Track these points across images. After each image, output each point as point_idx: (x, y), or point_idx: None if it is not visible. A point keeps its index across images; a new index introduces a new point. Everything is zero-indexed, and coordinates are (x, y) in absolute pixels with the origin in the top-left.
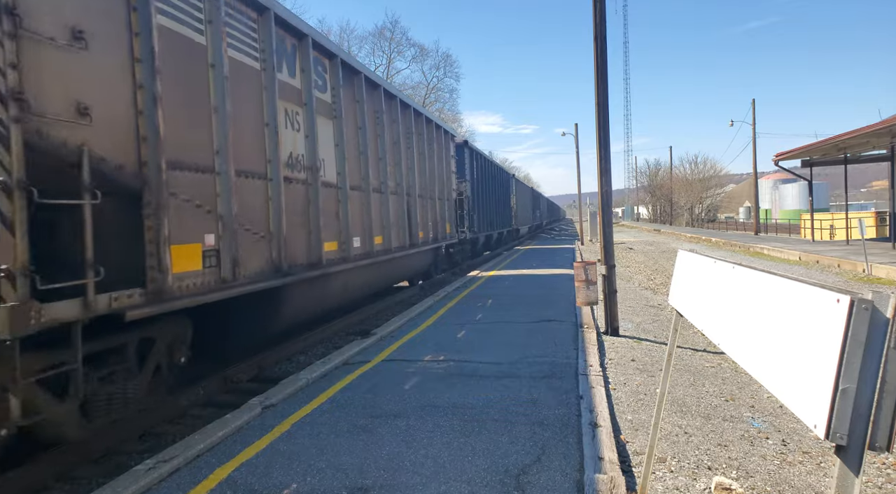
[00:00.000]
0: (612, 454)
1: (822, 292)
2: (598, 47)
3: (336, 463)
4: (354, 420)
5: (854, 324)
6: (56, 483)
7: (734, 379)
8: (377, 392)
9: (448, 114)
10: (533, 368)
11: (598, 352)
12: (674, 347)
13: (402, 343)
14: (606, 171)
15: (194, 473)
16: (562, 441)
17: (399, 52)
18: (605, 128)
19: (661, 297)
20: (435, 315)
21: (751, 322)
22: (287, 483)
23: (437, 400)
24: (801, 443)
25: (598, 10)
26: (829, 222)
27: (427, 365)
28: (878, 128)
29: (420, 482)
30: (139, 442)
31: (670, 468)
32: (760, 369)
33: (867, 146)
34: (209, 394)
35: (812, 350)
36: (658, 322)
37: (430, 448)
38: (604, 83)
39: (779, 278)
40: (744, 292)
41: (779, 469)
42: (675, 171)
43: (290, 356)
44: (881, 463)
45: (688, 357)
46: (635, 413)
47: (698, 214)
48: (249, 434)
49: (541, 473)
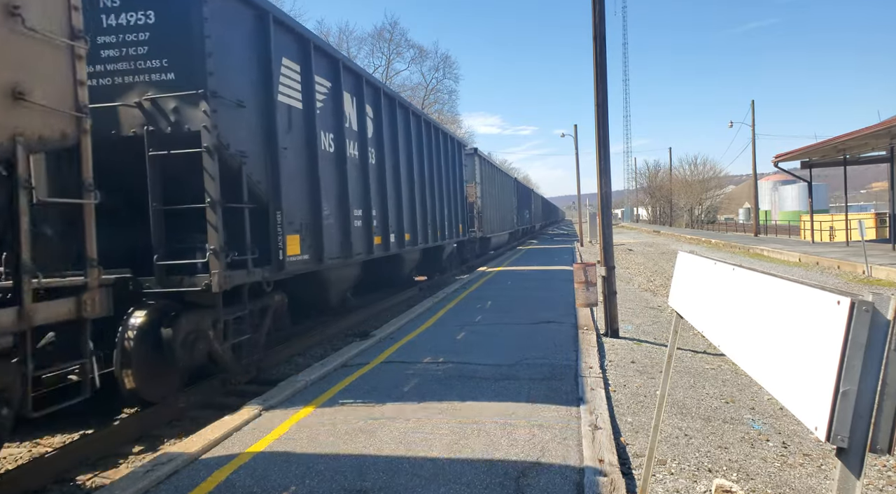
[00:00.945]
0: (612, 456)
1: (823, 294)
2: (597, 47)
3: (335, 466)
4: (353, 421)
5: (854, 326)
6: (55, 485)
7: (734, 381)
8: (376, 394)
9: (447, 116)
10: (532, 370)
11: (598, 354)
12: (674, 349)
13: (401, 344)
14: (606, 172)
15: (193, 475)
16: (561, 443)
17: (398, 54)
18: (605, 129)
19: (660, 299)
20: (434, 316)
21: (751, 323)
22: (286, 485)
23: (436, 402)
24: (801, 445)
25: (597, 10)
26: (829, 223)
27: (426, 367)
28: (877, 129)
29: (419, 484)
30: (137, 444)
31: (670, 470)
32: (761, 371)
33: (866, 147)
34: (208, 396)
35: (812, 352)
36: (658, 323)
37: (429, 450)
38: (603, 84)
39: (779, 280)
40: (744, 294)
41: (779, 472)
42: (675, 173)
43: (288, 358)
44: (882, 466)
45: (688, 359)
46: (635, 416)
47: (698, 216)
48: (248, 436)
49: (540, 475)
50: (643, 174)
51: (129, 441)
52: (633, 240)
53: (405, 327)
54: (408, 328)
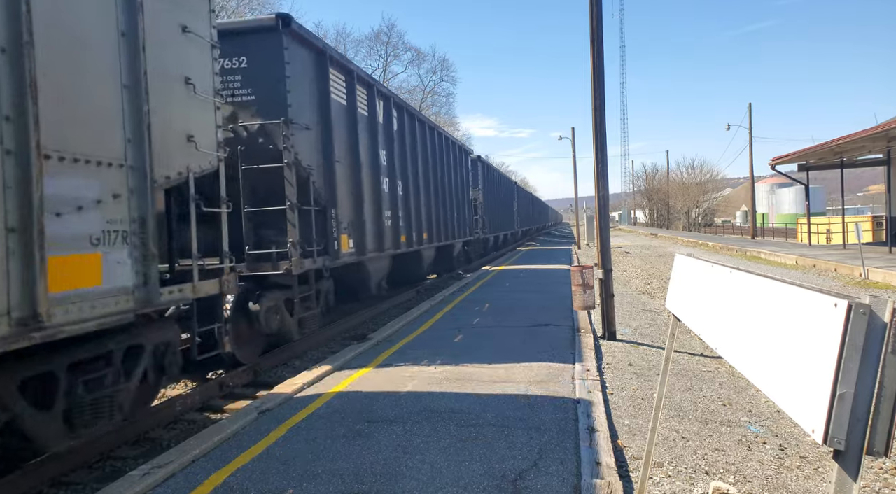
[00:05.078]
0: (609, 459)
1: (820, 296)
2: (594, 51)
3: (332, 469)
4: (351, 424)
5: (852, 329)
6: (51, 489)
7: (731, 384)
8: (373, 396)
9: (444, 119)
10: (530, 373)
11: (596, 357)
12: (671, 351)
13: (398, 347)
14: (603, 175)
15: (189, 479)
16: (559, 445)
17: (395, 56)
18: (602, 132)
19: (658, 301)
20: (432, 319)
21: (748, 326)
22: (283, 488)
23: (433, 405)
24: (798, 448)
25: (594, 13)
26: (826, 226)
27: (424, 370)
28: (874, 132)
29: (417, 487)
30: (134, 448)
31: (668, 472)
32: (758, 373)
33: (863, 150)
34: (205, 399)
35: (809, 354)
36: (655, 326)
37: (426, 453)
38: (601, 87)
39: (776, 282)
40: (741, 296)
41: (776, 474)
42: (672, 175)
43: (286, 360)
44: (879, 468)
45: (685, 361)
46: (633, 418)
47: (695, 218)
48: (245, 439)
49: (538, 478)
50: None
51: (126, 445)
52: (630, 243)
53: (402, 330)
54: (405, 330)
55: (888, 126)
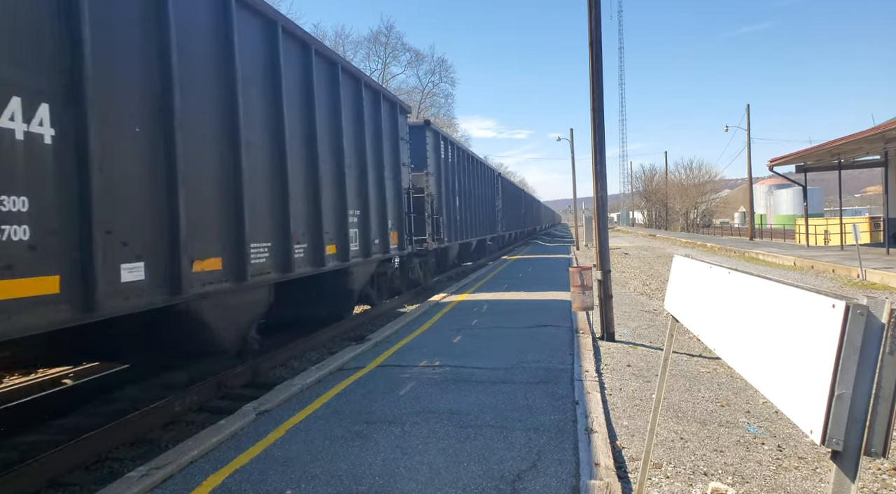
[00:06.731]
0: (608, 460)
1: (818, 297)
2: (593, 52)
3: (331, 470)
4: (349, 425)
5: (850, 330)
6: (48, 490)
7: (730, 385)
8: (372, 397)
9: (443, 120)
10: (528, 374)
11: (594, 358)
12: (670, 352)
13: (397, 348)
14: (601, 176)
15: (188, 480)
16: (558, 446)
17: (394, 57)
18: (601, 133)
19: (656, 302)
20: (431, 320)
21: (746, 327)
22: (282, 489)
23: (432, 406)
24: (796, 449)
25: (593, 14)
26: (824, 227)
27: (422, 371)
28: (871, 133)
29: (415, 488)
30: (132, 449)
31: (666, 473)
32: (756, 374)
33: (861, 152)
34: (202, 400)
35: (808, 355)
36: (654, 327)
37: (425, 454)
38: (599, 88)
39: (774, 283)
40: (739, 297)
41: (775, 475)
42: (671, 176)
43: (284, 361)
44: (877, 469)
45: (683, 362)
46: (631, 419)
47: (693, 219)
48: (243, 440)
49: (536, 479)
50: (639, 178)
51: (123, 446)
52: (628, 244)
53: (401, 331)
54: (403, 332)
55: (886, 127)
